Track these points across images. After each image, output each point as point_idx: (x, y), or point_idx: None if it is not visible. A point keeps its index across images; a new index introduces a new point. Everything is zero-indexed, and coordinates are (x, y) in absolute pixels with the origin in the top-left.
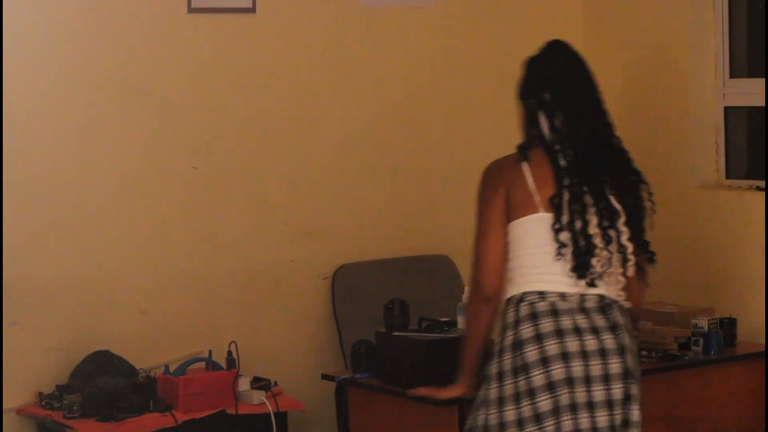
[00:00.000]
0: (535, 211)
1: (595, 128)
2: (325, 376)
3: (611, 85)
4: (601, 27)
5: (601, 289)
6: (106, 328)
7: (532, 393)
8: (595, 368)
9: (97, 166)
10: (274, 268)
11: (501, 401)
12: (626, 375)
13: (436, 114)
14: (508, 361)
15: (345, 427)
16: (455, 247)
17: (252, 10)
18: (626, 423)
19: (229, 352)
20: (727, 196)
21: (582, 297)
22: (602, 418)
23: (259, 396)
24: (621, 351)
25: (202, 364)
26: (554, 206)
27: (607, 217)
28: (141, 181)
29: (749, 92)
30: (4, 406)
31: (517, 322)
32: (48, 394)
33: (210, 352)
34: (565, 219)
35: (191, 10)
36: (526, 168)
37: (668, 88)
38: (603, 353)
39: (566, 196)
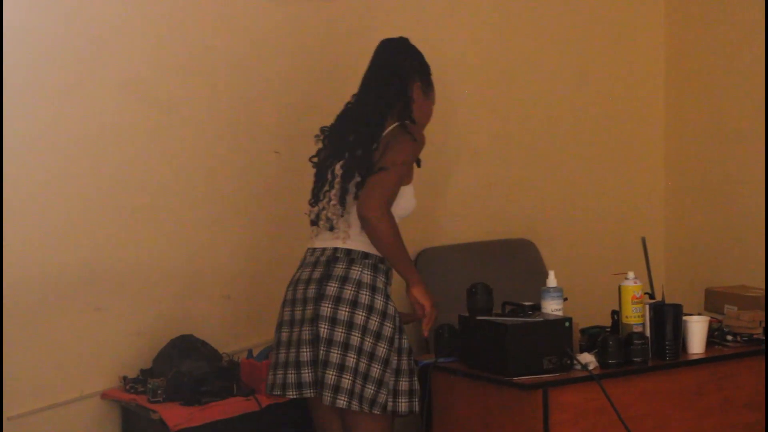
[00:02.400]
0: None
1: (362, 106)
2: None
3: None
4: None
5: (336, 242)
6: (190, 313)
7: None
8: (297, 313)
9: (181, 152)
10: None
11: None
12: (315, 319)
13: (518, 99)
14: None
15: (428, 411)
16: (537, 231)
17: None
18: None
19: None
20: None
21: (322, 251)
22: (304, 352)
23: None
24: (317, 299)
25: None
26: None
27: (334, 171)
28: (225, 167)
29: None
30: (89, 390)
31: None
32: (132, 378)
33: None
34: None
35: None
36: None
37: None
38: (305, 301)
39: (324, 163)
